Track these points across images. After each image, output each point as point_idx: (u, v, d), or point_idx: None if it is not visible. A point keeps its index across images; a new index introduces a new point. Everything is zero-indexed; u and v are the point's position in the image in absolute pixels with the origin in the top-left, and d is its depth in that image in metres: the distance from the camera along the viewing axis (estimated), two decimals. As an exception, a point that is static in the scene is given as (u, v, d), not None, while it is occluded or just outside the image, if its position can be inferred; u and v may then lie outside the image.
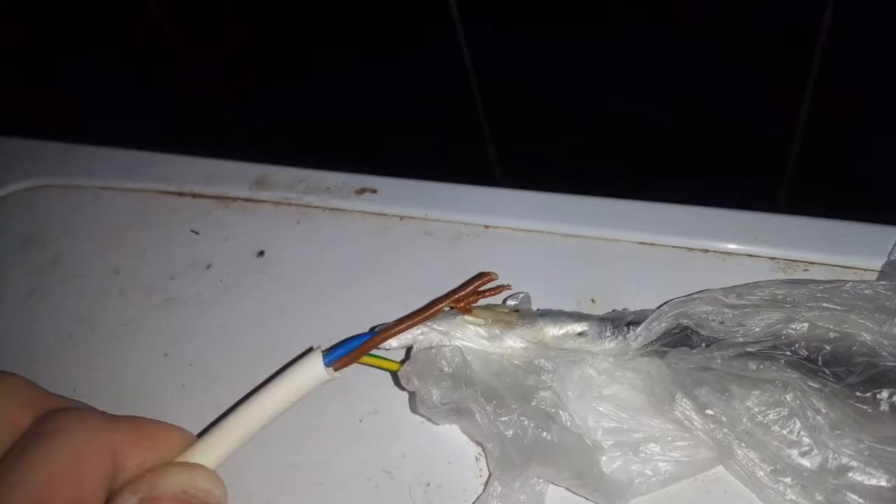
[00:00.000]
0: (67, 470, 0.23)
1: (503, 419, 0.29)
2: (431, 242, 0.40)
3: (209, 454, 0.26)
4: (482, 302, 0.32)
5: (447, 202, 0.41)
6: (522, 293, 0.34)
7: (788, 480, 0.28)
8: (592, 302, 0.36)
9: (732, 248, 0.37)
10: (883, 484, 0.28)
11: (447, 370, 0.30)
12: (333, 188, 0.43)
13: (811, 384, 0.29)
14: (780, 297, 0.31)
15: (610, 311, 0.34)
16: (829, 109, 0.46)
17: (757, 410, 0.29)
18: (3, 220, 0.47)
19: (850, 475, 0.28)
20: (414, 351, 0.31)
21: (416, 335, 0.31)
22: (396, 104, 0.56)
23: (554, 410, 0.30)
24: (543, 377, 0.31)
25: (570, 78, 0.49)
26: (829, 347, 0.29)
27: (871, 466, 0.28)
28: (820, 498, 0.28)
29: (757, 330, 0.30)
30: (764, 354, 0.30)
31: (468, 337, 0.32)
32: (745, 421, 0.29)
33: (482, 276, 0.31)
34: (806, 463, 0.28)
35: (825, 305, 0.30)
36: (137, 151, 0.48)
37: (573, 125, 0.53)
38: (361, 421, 0.34)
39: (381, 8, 0.48)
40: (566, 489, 0.30)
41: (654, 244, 0.38)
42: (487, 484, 0.30)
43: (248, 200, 0.44)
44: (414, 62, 0.52)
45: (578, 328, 0.32)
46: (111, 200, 0.46)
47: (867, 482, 0.28)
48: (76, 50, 0.57)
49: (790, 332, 0.30)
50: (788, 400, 0.29)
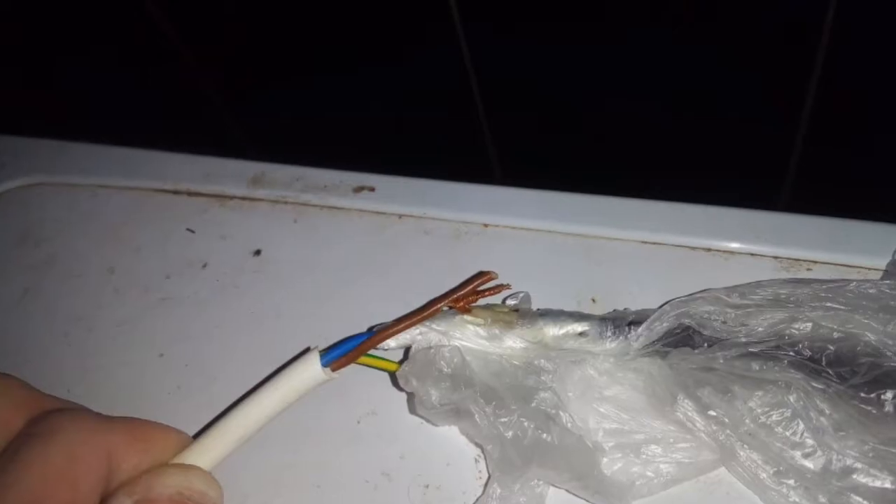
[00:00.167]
0: (62, 471, 0.22)
1: (503, 420, 0.29)
2: (430, 241, 0.40)
3: (205, 456, 0.26)
4: (481, 301, 0.32)
5: (446, 200, 0.41)
6: (522, 293, 0.34)
7: (792, 482, 0.28)
8: (593, 301, 0.36)
9: (735, 247, 0.37)
10: (887, 486, 0.27)
11: (446, 371, 0.30)
12: (331, 186, 0.43)
13: (815, 385, 0.28)
14: (783, 296, 0.31)
15: (611, 310, 0.33)
16: (831, 109, 0.46)
17: (760, 411, 0.29)
18: (-2, 218, 0.47)
19: (854, 477, 0.28)
20: (412, 351, 0.31)
21: (414, 335, 0.31)
22: (396, 104, 0.56)
23: (554, 411, 0.30)
24: (543, 378, 0.31)
25: (570, 78, 0.49)
26: (832, 348, 0.29)
27: (875, 468, 0.28)
28: (823, 500, 0.28)
29: (760, 330, 0.30)
30: (767, 355, 0.29)
31: (467, 337, 0.31)
32: (747, 422, 0.29)
33: (481, 275, 0.31)
34: (809, 464, 0.28)
35: (829, 305, 0.30)
36: (133, 149, 0.48)
37: (573, 125, 0.53)
38: (359, 422, 0.34)
39: (380, 8, 0.48)
40: (566, 491, 0.30)
41: (655, 243, 0.38)
42: (487, 486, 0.30)
43: (244, 199, 0.44)
44: (414, 62, 0.52)
45: (579, 328, 0.32)
46: (107, 198, 0.46)
47: (871, 484, 0.28)
48: (76, 50, 0.57)
49: (793, 332, 0.30)
50: (792, 401, 0.28)
